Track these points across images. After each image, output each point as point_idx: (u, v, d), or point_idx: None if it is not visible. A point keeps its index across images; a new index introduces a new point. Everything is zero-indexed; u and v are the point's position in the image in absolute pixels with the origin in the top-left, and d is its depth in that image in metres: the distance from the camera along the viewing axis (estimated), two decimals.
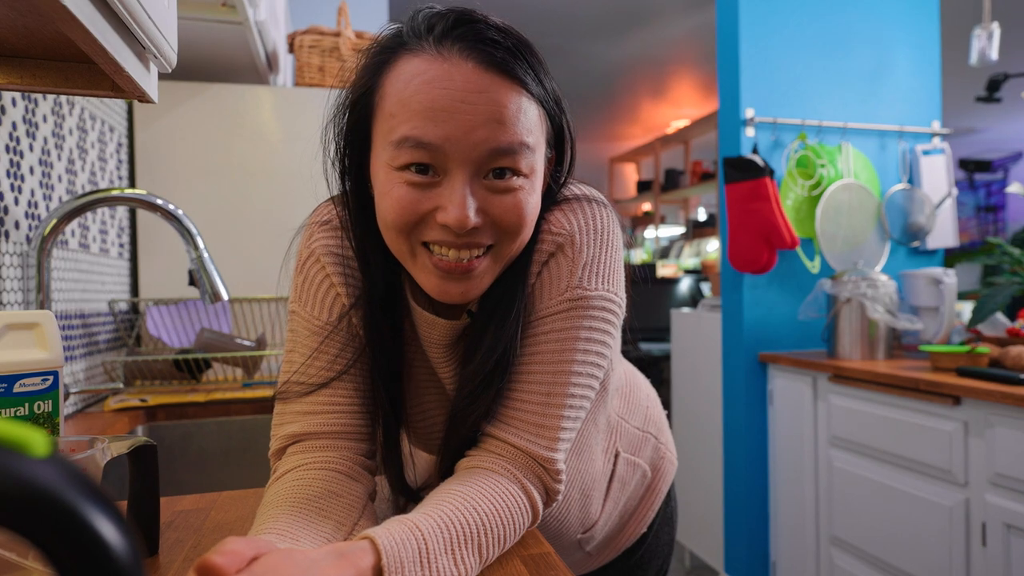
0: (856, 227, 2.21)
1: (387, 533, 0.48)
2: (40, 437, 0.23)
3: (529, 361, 0.62)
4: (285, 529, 0.53)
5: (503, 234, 0.58)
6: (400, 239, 0.58)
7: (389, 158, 0.56)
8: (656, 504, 0.88)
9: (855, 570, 1.79)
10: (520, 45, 0.57)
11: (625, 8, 3.89)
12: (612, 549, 0.87)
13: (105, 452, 0.51)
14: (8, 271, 0.99)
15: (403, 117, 0.55)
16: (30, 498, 0.21)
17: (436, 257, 0.57)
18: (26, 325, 0.68)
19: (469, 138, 0.54)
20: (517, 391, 0.62)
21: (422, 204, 0.56)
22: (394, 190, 0.56)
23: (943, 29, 2.45)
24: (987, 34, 2.06)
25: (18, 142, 1.02)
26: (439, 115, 0.53)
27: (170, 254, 1.59)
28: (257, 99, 1.65)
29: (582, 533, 0.80)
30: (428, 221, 0.56)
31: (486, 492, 0.56)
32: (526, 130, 0.56)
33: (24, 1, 0.55)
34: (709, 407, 2.39)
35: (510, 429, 0.61)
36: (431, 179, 0.55)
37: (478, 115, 0.54)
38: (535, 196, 0.60)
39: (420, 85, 0.54)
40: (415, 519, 0.51)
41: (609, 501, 0.82)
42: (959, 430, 1.50)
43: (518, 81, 0.56)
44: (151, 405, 1.24)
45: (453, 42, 0.55)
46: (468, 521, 0.53)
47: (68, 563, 0.22)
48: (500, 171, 0.56)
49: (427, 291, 0.60)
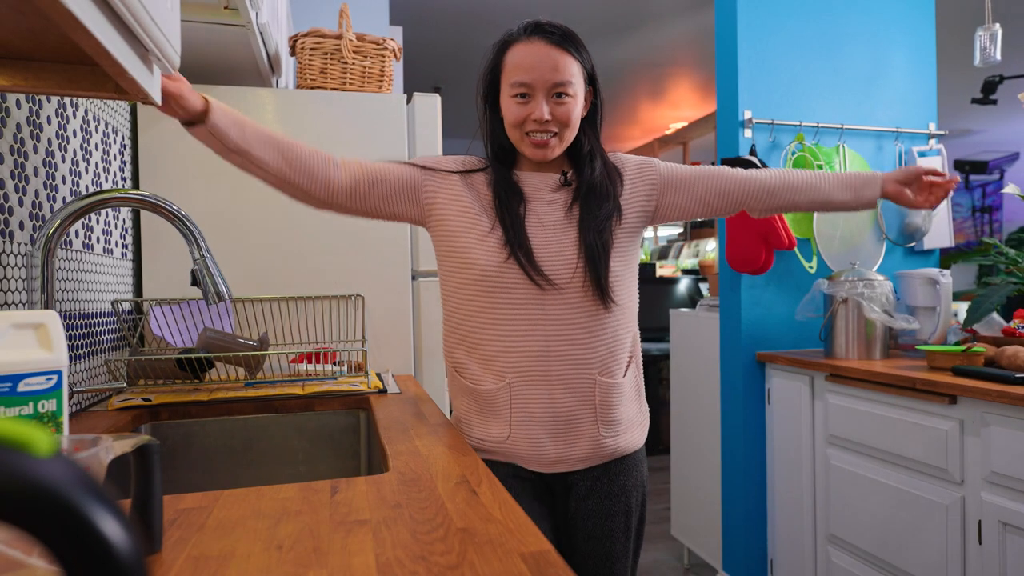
0: (853, 228, 2.23)
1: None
2: (44, 436, 0.23)
3: (709, 174, 1.23)
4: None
5: (560, 125, 1.09)
6: (515, 131, 1.11)
7: (508, 91, 1.10)
8: (643, 434, 1.21)
9: (852, 568, 1.80)
10: (566, 33, 1.10)
11: (623, 11, 3.90)
12: (620, 437, 1.16)
13: (108, 451, 0.51)
14: (13, 271, 1.00)
15: (514, 72, 1.09)
16: (34, 496, 0.21)
17: (533, 138, 1.10)
18: (30, 325, 0.69)
19: (542, 79, 1.07)
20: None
21: (523, 112, 1.09)
22: (512, 107, 1.10)
23: (939, 31, 2.46)
24: (989, 35, 2.07)
25: (23, 143, 1.03)
26: (527, 69, 1.08)
27: (173, 254, 1.60)
28: (259, 101, 1.66)
29: (605, 377, 1.13)
30: (527, 121, 1.09)
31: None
32: (570, 73, 1.08)
33: (28, 4, 0.56)
34: (707, 406, 2.40)
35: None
36: (527, 101, 1.09)
37: (545, 67, 1.07)
38: (578, 108, 1.11)
39: (519, 56, 1.09)
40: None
41: (628, 378, 1.18)
42: (955, 429, 1.51)
43: (564, 49, 1.08)
44: (154, 404, 1.25)
45: (531, 33, 1.09)
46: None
47: (72, 560, 0.22)
48: (558, 94, 1.08)
49: (529, 156, 1.12)
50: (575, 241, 1.10)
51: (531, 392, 1.09)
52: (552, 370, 1.09)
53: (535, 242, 1.10)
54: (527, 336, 1.09)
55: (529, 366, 1.09)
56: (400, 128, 1.76)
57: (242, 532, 0.63)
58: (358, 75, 1.75)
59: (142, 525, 0.57)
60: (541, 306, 1.09)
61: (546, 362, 1.09)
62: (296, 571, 0.54)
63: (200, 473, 1.28)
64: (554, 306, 1.09)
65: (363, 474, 1.35)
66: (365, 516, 0.67)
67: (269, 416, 1.31)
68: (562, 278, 1.08)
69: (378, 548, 0.59)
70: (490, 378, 1.11)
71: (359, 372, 1.49)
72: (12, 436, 0.23)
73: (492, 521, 0.66)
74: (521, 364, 1.09)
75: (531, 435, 1.10)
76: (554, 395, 1.09)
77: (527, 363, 1.09)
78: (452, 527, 0.64)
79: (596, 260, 1.09)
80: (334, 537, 0.61)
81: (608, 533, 1.16)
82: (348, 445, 1.35)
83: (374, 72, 1.77)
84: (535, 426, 1.10)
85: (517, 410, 1.10)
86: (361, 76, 1.76)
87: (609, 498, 1.15)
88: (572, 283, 1.09)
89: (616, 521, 1.16)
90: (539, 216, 1.12)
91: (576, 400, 1.10)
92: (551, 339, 1.09)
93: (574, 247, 1.09)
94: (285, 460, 1.32)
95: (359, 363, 1.55)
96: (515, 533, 0.62)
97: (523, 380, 1.09)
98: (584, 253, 1.09)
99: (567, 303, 1.09)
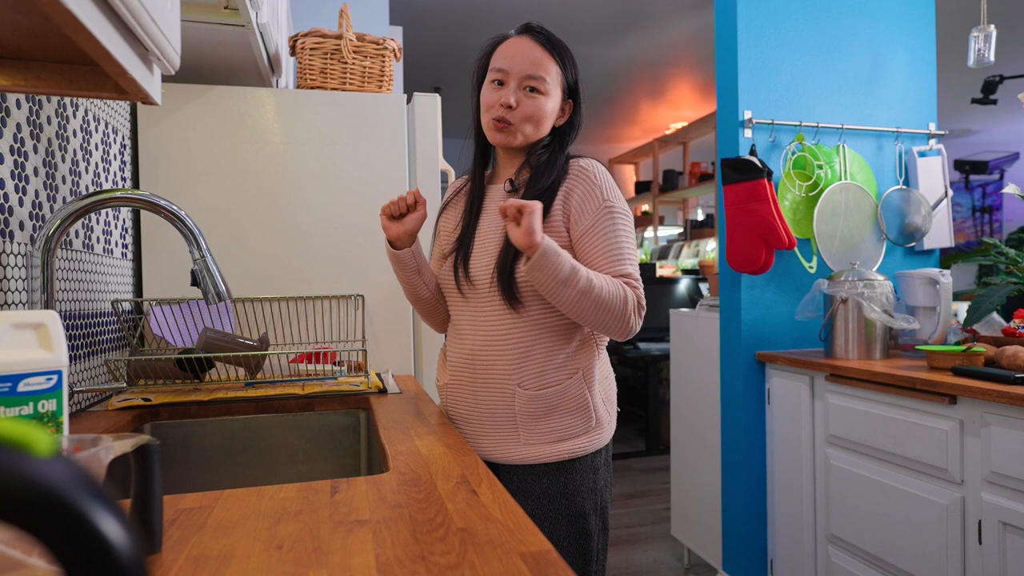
0: (853, 228, 2.23)
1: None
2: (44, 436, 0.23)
3: (590, 250, 1.11)
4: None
5: (524, 117, 1.13)
6: (485, 115, 1.16)
7: (488, 79, 1.16)
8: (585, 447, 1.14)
9: (852, 568, 1.80)
10: (554, 39, 1.16)
11: (624, 11, 3.90)
12: (549, 446, 1.13)
13: (108, 451, 0.51)
14: (13, 271, 1.00)
15: (495, 61, 1.15)
16: (34, 496, 0.21)
17: (497, 121, 1.13)
18: (31, 325, 0.69)
19: (517, 69, 1.13)
20: (589, 264, 1.11)
21: (494, 96, 1.14)
22: (487, 92, 1.16)
23: (939, 32, 2.46)
24: (984, 36, 2.07)
25: (23, 143, 1.03)
26: (507, 58, 1.14)
27: (173, 254, 1.60)
28: (259, 101, 1.66)
29: (520, 388, 1.13)
30: (495, 105, 1.13)
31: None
32: (545, 70, 1.13)
33: (28, 4, 0.56)
34: (707, 406, 2.40)
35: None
36: (500, 88, 1.14)
37: (523, 59, 1.13)
38: (547, 107, 1.15)
39: (505, 49, 1.15)
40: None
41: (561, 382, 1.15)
42: (955, 429, 1.51)
43: (546, 49, 1.14)
44: (154, 404, 1.25)
45: (521, 32, 1.16)
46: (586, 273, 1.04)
47: (72, 560, 0.22)
48: (530, 88, 1.13)
49: (491, 140, 1.17)
50: (501, 248, 1.13)
51: (460, 393, 1.19)
52: (478, 375, 1.16)
53: (476, 250, 1.17)
54: (461, 340, 1.19)
55: (460, 369, 1.18)
56: (400, 128, 1.76)
57: (242, 532, 0.63)
58: (358, 75, 1.75)
59: (142, 525, 0.57)
60: (471, 312, 1.17)
61: (472, 367, 1.16)
62: (296, 571, 0.54)
63: (200, 473, 1.28)
64: (481, 312, 1.16)
65: (363, 474, 1.35)
66: (365, 516, 0.67)
67: (269, 416, 1.31)
68: (482, 283, 1.15)
69: (378, 548, 0.59)
70: (440, 376, 1.26)
71: (359, 372, 1.49)
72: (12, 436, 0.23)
73: (492, 521, 0.66)
74: (455, 366, 1.20)
75: (462, 432, 1.19)
76: (478, 397, 1.16)
77: (459, 366, 1.18)
78: (452, 527, 0.64)
79: (505, 261, 1.11)
80: (334, 537, 0.61)
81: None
82: (348, 445, 1.35)
83: (374, 72, 1.77)
84: (463, 425, 1.20)
85: (451, 408, 1.22)
86: (361, 76, 1.76)
87: (532, 498, 1.12)
88: (492, 291, 1.14)
89: (541, 525, 1.11)
90: (483, 225, 1.19)
91: (495, 405, 1.15)
92: (478, 344, 1.16)
93: (497, 254, 1.14)
94: (285, 460, 1.32)
95: (359, 363, 1.55)
96: (515, 533, 0.62)
97: (455, 381, 1.20)
98: (500, 256, 1.12)
99: (488, 309, 1.15)
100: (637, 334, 4.47)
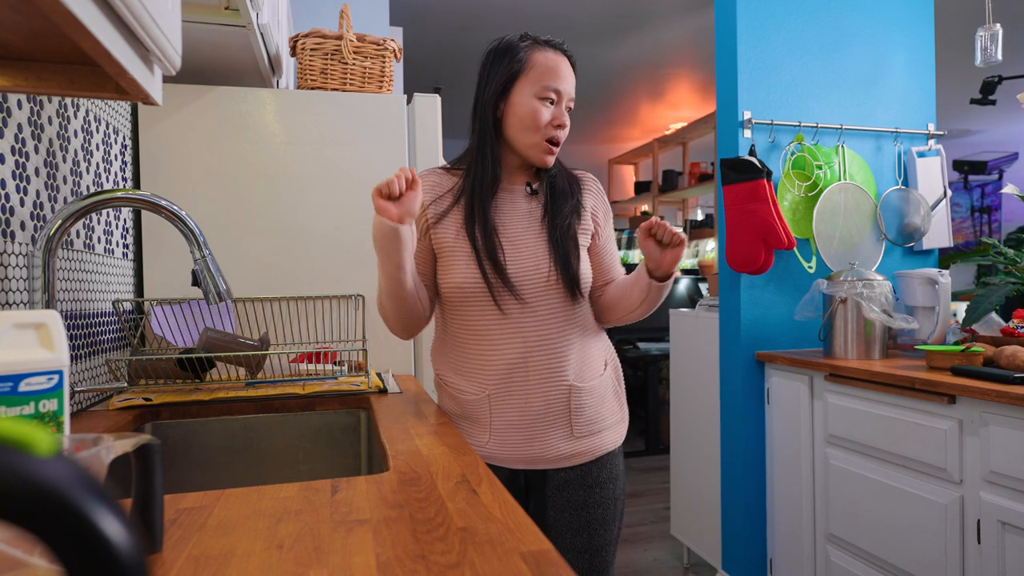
0: (852, 228, 2.23)
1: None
2: (45, 436, 0.23)
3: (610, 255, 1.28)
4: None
5: (564, 138, 1.19)
6: (533, 133, 1.16)
7: (536, 92, 1.15)
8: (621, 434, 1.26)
9: (851, 567, 1.80)
10: (570, 53, 1.21)
11: (623, 11, 3.90)
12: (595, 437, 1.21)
13: (109, 450, 0.51)
14: (14, 271, 1.00)
15: (547, 76, 1.15)
16: (35, 496, 0.21)
17: (553, 135, 1.17)
18: (32, 325, 0.69)
19: (567, 90, 1.18)
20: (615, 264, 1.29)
21: (550, 114, 1.16)
22: (539, 108, 1.15)
23: (938, 32, 2.47)
24: (990, 35, 2.07)
25: (24, 144, 1.03)
26: (561, 78, 1.16)
27: (174, 254, 1.61)
28: (260, 101, 1.67)
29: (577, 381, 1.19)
30: (549, 125, 1.16)
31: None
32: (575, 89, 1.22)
33: (29, 4, 0.56)
34: (707, 406, 2.40)
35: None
36: (552, 106, 1.17)
37: (569, 81, 1.18)
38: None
39: (550, 61, 1.16)
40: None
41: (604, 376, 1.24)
42: (954, 428, 1.51)
43: (573, 68, 1.20)
44: (155, 404, 1.25)
45: (554, 48, 1.18)
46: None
47: (73, 559, 0.22)
48: (568, 108, 1.18)
49: (535, 160, 1.18)
50: (547, 251, 1.17)
51: (509, 400, 1.16)
52: (530, 378, 1.16)
53: (509, 258, 1.16)
54: (506, 349, 1.16)
55: (508, 376, 1.16)
56: (400, 128, 1.76)
57: (243, 531, 0.63)
58: (358, 75, 1.76)
59: (143, 524, 0.57)
60: (518, 318, 1.16)
61: (524, 371, 1.16)
62: (296, 570, 0.54)
63: (201, 473, 1.28)
64: (531, 317, 1.16)
65: (363, 473, 1.35)
66: (365, 515, 0.67)
67: (270, 416, 1.32)
68: (537, 288, 1.16)
69: (378, 547, 0.59)
70: (472, 389, 1.19)
71: (359, 372, 1.49)
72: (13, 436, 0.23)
73: (492, 520, 0.66)
74: (500, 375, 1.16)
75: (509, 439, 1.18)
76: (530, 401, 1.17)
77: (506, 373, 1.16)
78: (452, 526, 0.64)
79: (567, 254, 1.17)
80: (334, 536, 0.61)
81: (586, 524, 1.20)
82: (348, 445, 1.35)
83: (374, 72, 1.77)
84: (513, 431, 1.18)
85: (496, 417, 1.18)
86: (361, 76, 1.76)
87: (584, 488, 1.20)
88: (548, 291, 1.16)
89: (594, 512, 1.19)
90: (509, 232, 1.18)
91: (549, 404, 1.17)
92: (530, 348, 1.16)
93: (546, 257, 1.17)
94: (285, 460, 1.32)
95: (359, 363, 1.56)
96: (515, 532, 0.63)
97: (502, 390, 1.16)
98: (554, 254, 1.17)
99: (543, 312, 1.16)
100: (637, 334, 4.48)
